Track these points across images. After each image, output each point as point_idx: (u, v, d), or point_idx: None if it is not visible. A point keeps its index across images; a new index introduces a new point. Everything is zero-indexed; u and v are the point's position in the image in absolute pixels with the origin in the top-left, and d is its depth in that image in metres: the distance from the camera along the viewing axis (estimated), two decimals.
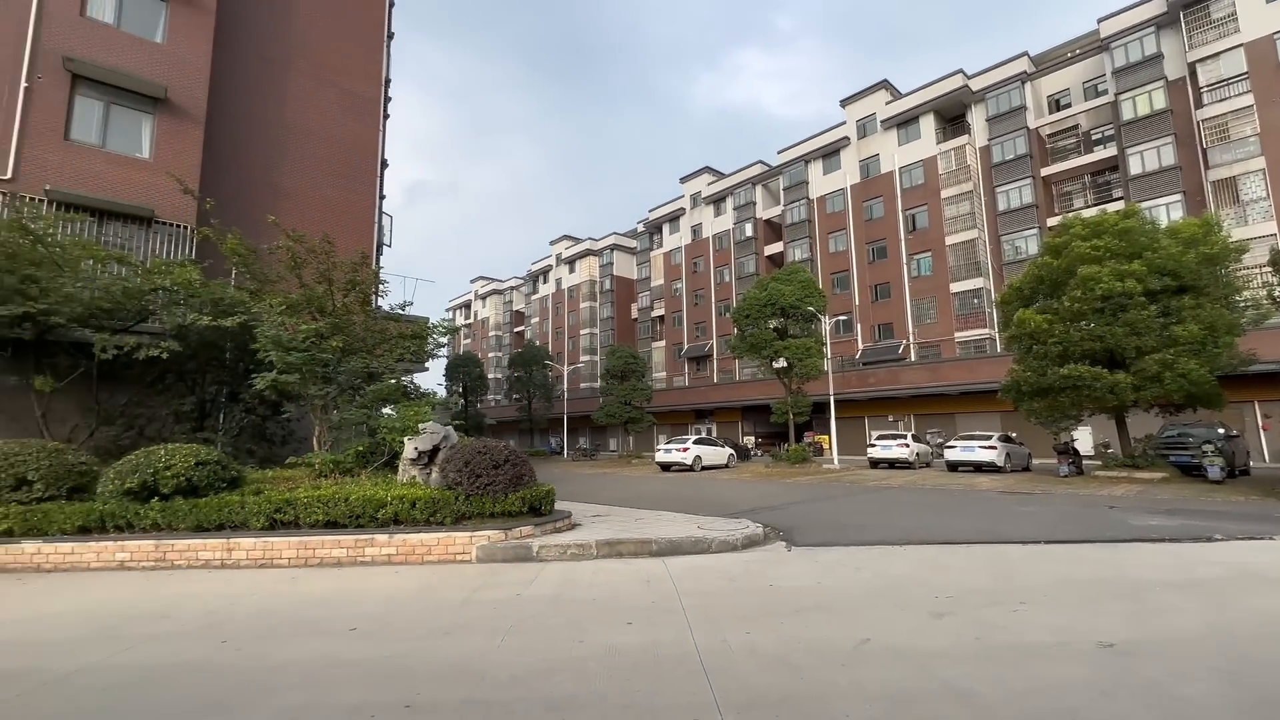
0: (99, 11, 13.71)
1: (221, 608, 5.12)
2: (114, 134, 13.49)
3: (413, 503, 7.26)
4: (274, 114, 17.02)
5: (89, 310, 9.85)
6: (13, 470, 7.55)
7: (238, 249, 10.83)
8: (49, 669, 3.76)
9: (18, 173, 12.11)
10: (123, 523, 7.30)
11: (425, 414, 9.61)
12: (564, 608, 4.92)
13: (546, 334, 70.18)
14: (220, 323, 10.11)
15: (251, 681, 3.52)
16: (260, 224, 13.40)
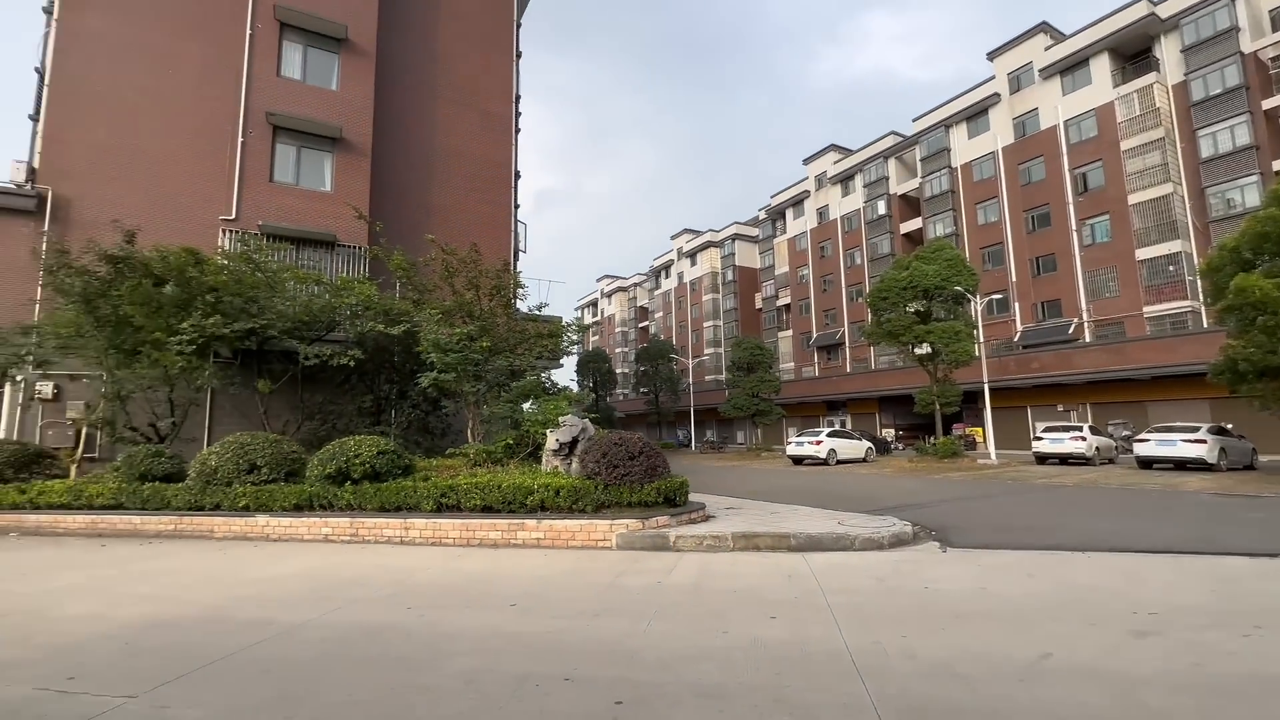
0: (289, 70, 16.20)
1: (404, 579, 5.85)
2: (304, 172, 15.89)
3: (557, 491, 7.73)
4: (424, 139, 18.96)
5: (294, 324, 11.74)
6: (246, 457, 9.23)
7: (402, 264, 12.25)
8: (283, 621, 4.55)
9: (239, 213, 14.74)
10: (325, 502, 8.61)
11: (563, 408, 10.19)
12: (705, 598, 4.97)
13: (670, 328, 71.02)
14: (390, 330, 11.54)
15: (432, 644, 3.98)
16: (416, 239, 15.04)
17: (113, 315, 10.51)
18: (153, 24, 15.32)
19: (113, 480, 9.76)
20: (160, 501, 9.29)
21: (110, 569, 6.65)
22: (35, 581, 6.13)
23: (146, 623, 4.61)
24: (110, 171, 14.34)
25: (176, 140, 15.02)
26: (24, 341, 11.63)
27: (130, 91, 14.84)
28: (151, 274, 10.68)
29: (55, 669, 3.67)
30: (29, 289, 13.11)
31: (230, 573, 6.38)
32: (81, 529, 9.26)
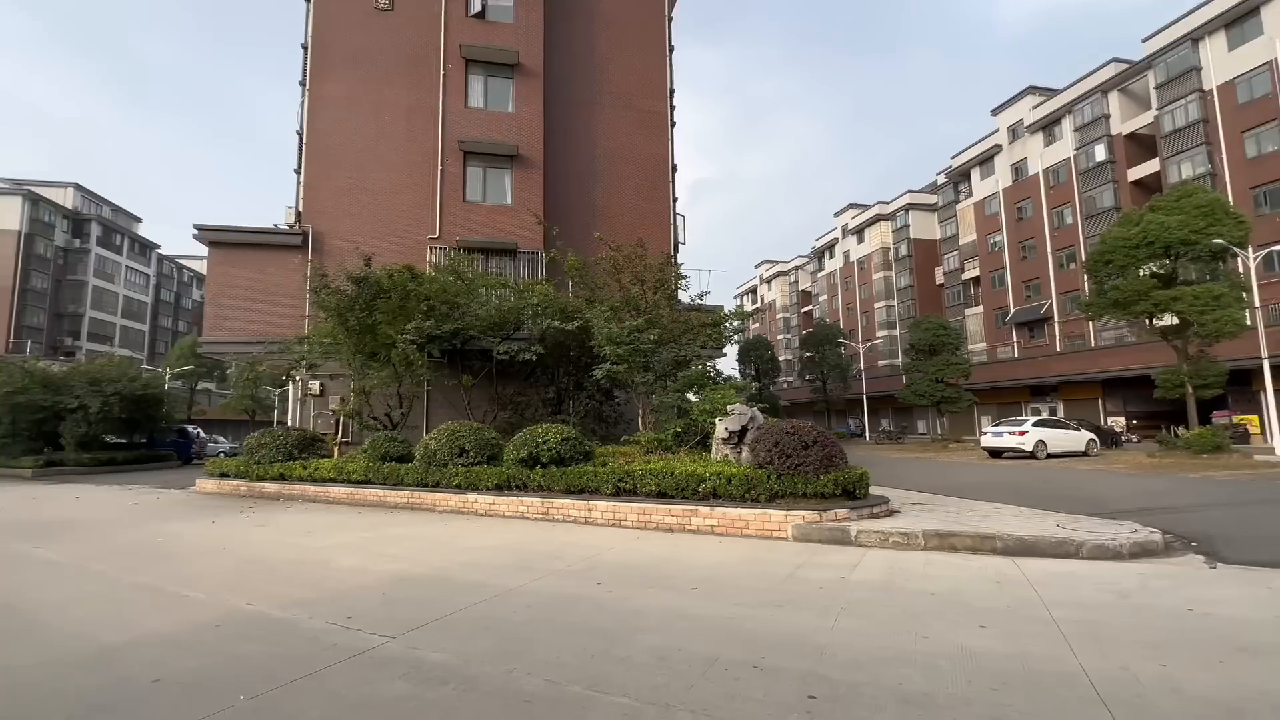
0: (474, 100, 18.28)
1: (592, 556, 6.32)
2: (489, 189, 17.85)
3: (728, 479, 7.75)
4: (587, 145, 20.13)
5: (488, 325, 13.29)
6: (456, 442, 10.67)
7: (575, 265, 13.20)
8: (495, 585, 5.19)
9: (441, 231, 17.05)
10: (520, 483, 9.63)
11: (731, 397, 10.16)
12: (897, 598, 4.62)
13: (836, 311, 67.08)
14: (565, 326, 12.51)
15: (622, 619, 4.24)
16: (585, 239, 16.06)
17: (358, 325, 12.86)
18: (372, 82, 18.30)
19: (363, 460, 11.94)
20: (396, 478, 11.15)
21: (366, 532, 8.16)
22: (318, 539, 7.74)
23: (395, 579, 5.56)
24: (349, 208, 17.49)
25: (393, 175, 17.81)
26: (299, 349, 14.72)
27: (359, 140, 17.92)
28: (382, 289, 12.85)
29: (339, 609, 4.60)
30: (300, 308, 16.55)
31: (451, 541, 7.43)
32: (344, 499, 11.49)
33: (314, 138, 17.80)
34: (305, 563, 6.34)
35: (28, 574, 6.15)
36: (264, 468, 13.15)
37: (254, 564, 6.33)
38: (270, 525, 8.89)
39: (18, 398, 22.54)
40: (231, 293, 16.87)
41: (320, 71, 18.12)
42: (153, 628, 4.31)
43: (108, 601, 5.07)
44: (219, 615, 4.55)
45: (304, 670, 3.45)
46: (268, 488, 12.71)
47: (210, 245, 17.06)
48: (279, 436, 13.65)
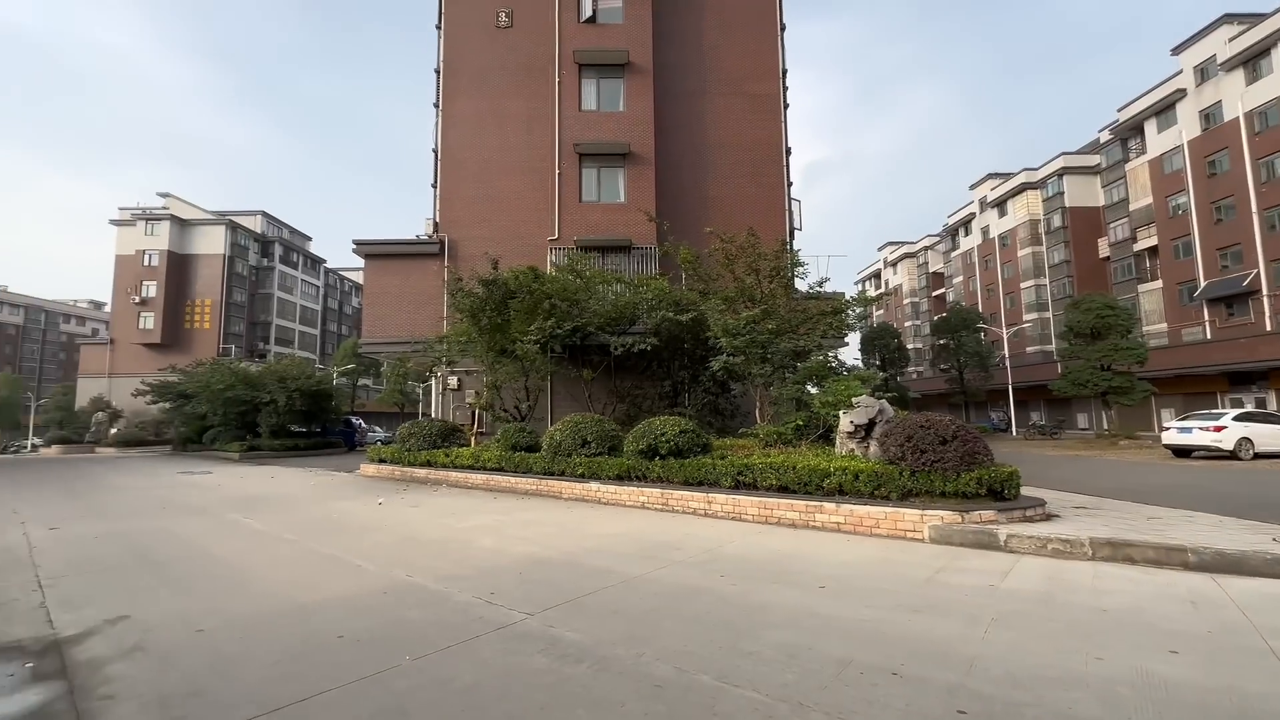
0: (587, 103, 18.89)
1: (713, 548, 6.32)
2: (603, 189, 18.39)
3: (855, 475, 7.37)
4: (697, 135, 20.00)
5: (605, 320, 13.72)
6: (579, 434, 11.16)
7: (688, 258, 13.21)
8: (621, 572, 5.37)
9: (560, 232, 17.87)
10: (639, 474, 9.87)
11: (855, 389, 9.63)
12: (1060, 612, 4.12)
13: (974, 293, 61.01)
14: (679, 318, 12.57)
15: (748, 613, 4.19)
16: (697, 231, 16.00)
17: (489, 324, 13.90)
18: (495, 97, 19.57)
19: (496, 449, 12.89)
20: (525, 467, 11.91)
21: (501, 516, 8.81)
22: (460, 520, 8.49)
23: (529, 561, 5.95)
24: (479, 216, 18.89)
25: (516, 182, 18.94)
26: (439, 348, 16.19)
27: (485, 151, 19.27)
28: (509, 290, 13.75)
29: (482, 585, 5.02)
30: (440, 310, 18.17)
31: (577, 528, 7.80)
32: (480, 485, 12.50)
33: (447, 153, 19.43)
34: (451, 541, 6.98)
35: (241, 540, 7.38)
36: (413, 455, 14.67)
37: (410, 541, 7.09)
38: (421, 507, 9.90)
39: (228, 394, 27.14)
40: (383, 299, 18.96)
41: (451, 92, 19.71)
42: (335, 591, 4.99)
43: (299, 566, 5.95)
44: (386, 584, 5.15)
45: (456, 638, 3.81)
46: (417, 472, 14.16)
47: (366, 257, 19.29)
48: (425, 427, 15.14)
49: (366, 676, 3.26)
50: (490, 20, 19.85)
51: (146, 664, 3.52)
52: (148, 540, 7.39)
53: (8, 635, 4.09)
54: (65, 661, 3.60)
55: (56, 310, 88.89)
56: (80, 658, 3.64)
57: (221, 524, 8.53)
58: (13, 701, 3.10)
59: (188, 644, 3.84)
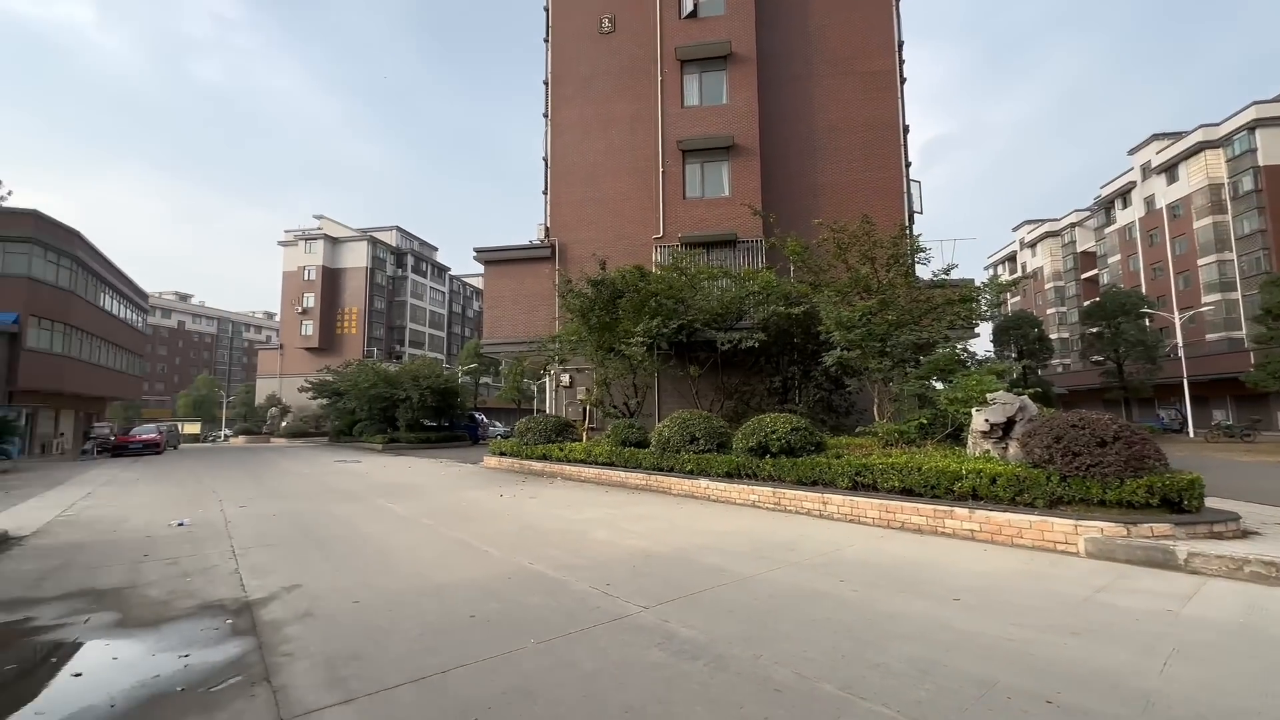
0: (690, 99, 18.83)
1: (830, 551, 6.05)
2: (707, 184, 18.24)
3: (992, 479, 6.70)
4: (805, 121, 19.21)
5: (711, 316, 13.62)
6: (687, 430, 11.17)
7: (796, 249, 12.73)
8: (734, 571, 5.30)
9: (664, 230, 17.99)
10: (749, 472, 9.68)
11: (989, 384, 8.77)
12: (1264, 648, 3.47)
13: (1135, 274, 53.20)
14: (790, 311, 12.15)
15: (872, 622, 3.95)
16: (806, 221, 15.39)
17: (597, 323, 14.33)
18: (599, 101, 20.10)
19: (606, 445, 13.26)
20: (635, 462, 12.14)
21: (612, 510, 9.04)
22: (575, 512, 8.83)
23: (641, 555, 6.05)
24: (586, 218, 19.53)
25: (621, 183, 19.34)
26: (552, 347, 16.96)
27: (592, 155, 19.86)
28: (617, 290, 14.08)
29: (598, 576, 5.18)
30: (552, 310, 19.02)
31: (687, 524, 7.82)
32: (592, 479, 12.92)
33: (556, 159, 20.29)
34: (567, 532, 7.28)
35: (386, 523, 8.21)
36: (530, 448, 15.50)
37: (530, 530, 7.49)
38: (538, 498, 10.43)
39: (371, 391, 30.41)
40: (501, 301, 20.22)
41: (558, 101, 20.54)
42: (466, 574, 5.39)
43: (436, 549, 6.49)
44: (510, 570, 5.48)
45: (576, 626, 3.96)
46: (534, 465, 14.94)
47: (485, 264, 20.66)
48: (540, 423, 15.93)
49: (496, 655, 3.48)
50: (593, 28, 20.41)
51: (315, 628, 4.02)
52: (312, 520, 8.46)
53: (214, 595, 4.86)
54: (254, 620, 4.20)
55: (240, 321, 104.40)
56: (265, 618, 4.24)
57: (370, 508, 9.55)
58: (218, 650, 3.68)
59: (347, 613, 4.33)
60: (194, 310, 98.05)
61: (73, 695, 3.16)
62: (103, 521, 8.54)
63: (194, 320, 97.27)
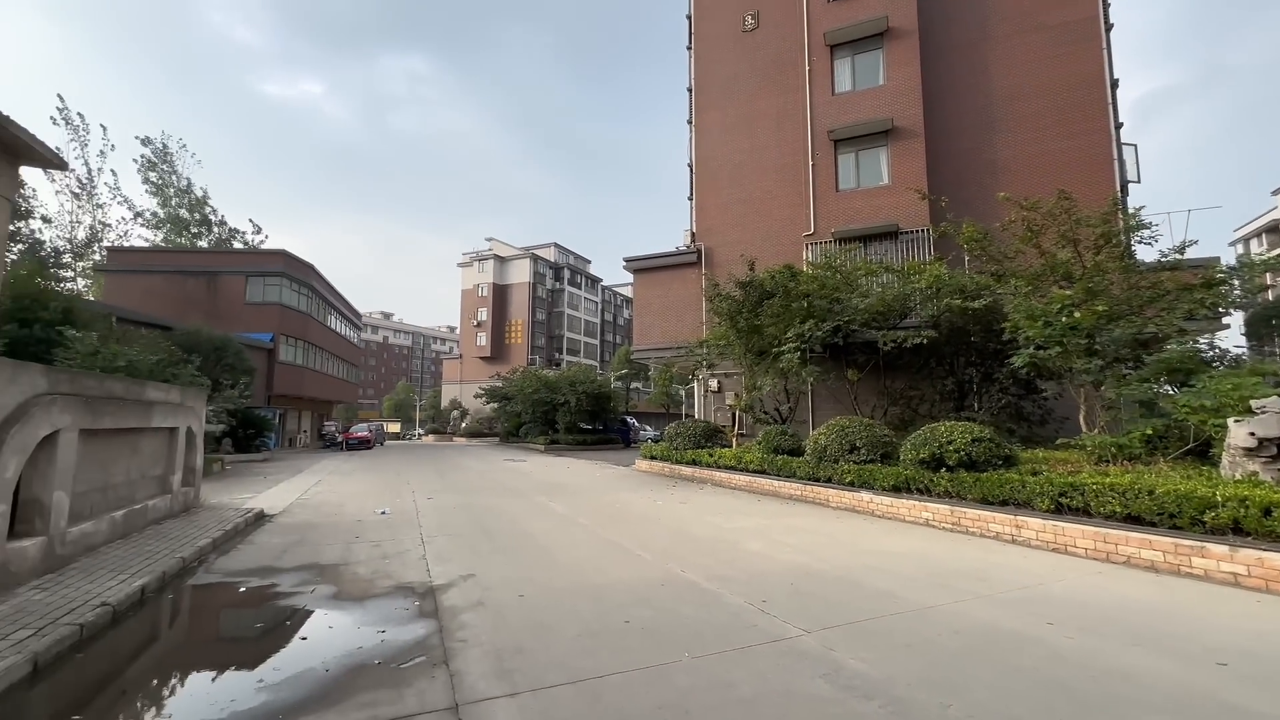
0: (841, 85, 17.69)
1: (1030, 585, 5.13)
2: (863, 173, 16.94)
3: (1265, 509, 5.23)
4: (979, 90, 17.03)
5: (871, 315, 12.56)
6: (846, 438, 10.38)
7: (973, 235, 11.24)
8: (908, 599, 4.71)
9: (815, 227, 17.06)
10: (920, 486, 8.69)
11: (1254, 387, 6.91)
12: None
13: None
14: (969, 305, 10.73)
15: (1097, 679, 3.22)
16: (982, 205, 13.57)
17: (746, 326, 13.96)
18: (743, 101, 19.72)
19: (757, 451, 12.84)
20: (788, 471, 11.58)
21: (765, 520, 8.66)
22: (726, 520, 8.61)
23: (800, 571, 5.66)
24: (732, 220, 19.24)
25: (768, 182, 18.76)
26: (699, 352, 16.90)
27: (736, 156, 19.54)
28: (765, 292, 13.61)
29: (753, 591, 4.93)
30: (699, 315, 19.01)
31: (849, 541, 7.20)
32: (742, 486, 12.57)
33: (700, 164, 20.28)
34: (720, 541, 7.09)
35: (547, 521, 8.70)
36: (680, 453, 15.57)
37: (682, 535, 7.43)
38: (689, 504, 10.37)
39: (534, 396, 32.98)
40: (649, 308, 20.67)
41: (702, 105, 20.54)
42: (620, 576, 5.46)
43: (591, 549, 6.70)
44: (662, 576, 5.44)
45: (731, 643, 3.76)
46: (683, 470, 14.98)
47: (634, 272, 21.31)
48: (689, 428, 15.95)
49: (651, 666, 3.41)
50: (736, 27, 20.09)
51: (486, 617, 4.30)
52: (484, 513, 9.26)
53: (405, 578, 5.46)
54: (436, 605, 4.62)
55: (429, 334, 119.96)
56: (445, 604, 4.64)
57: (532, 505, 10.22)
58: (407, 630, 4.09)
59: (513, 606, 4.58)
60: (394, 326, 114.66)
61: (299, 657, 3.69)
62: (327, 505, 10.18)
63: (394, 335, 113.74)
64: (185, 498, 8.38)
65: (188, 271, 30.24)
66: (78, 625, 3.92)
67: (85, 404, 5.55)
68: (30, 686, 3.29)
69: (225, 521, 7.72)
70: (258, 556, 6.32)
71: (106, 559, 5.59)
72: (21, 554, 4.72)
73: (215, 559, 6.21)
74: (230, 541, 7.03)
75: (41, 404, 4.89)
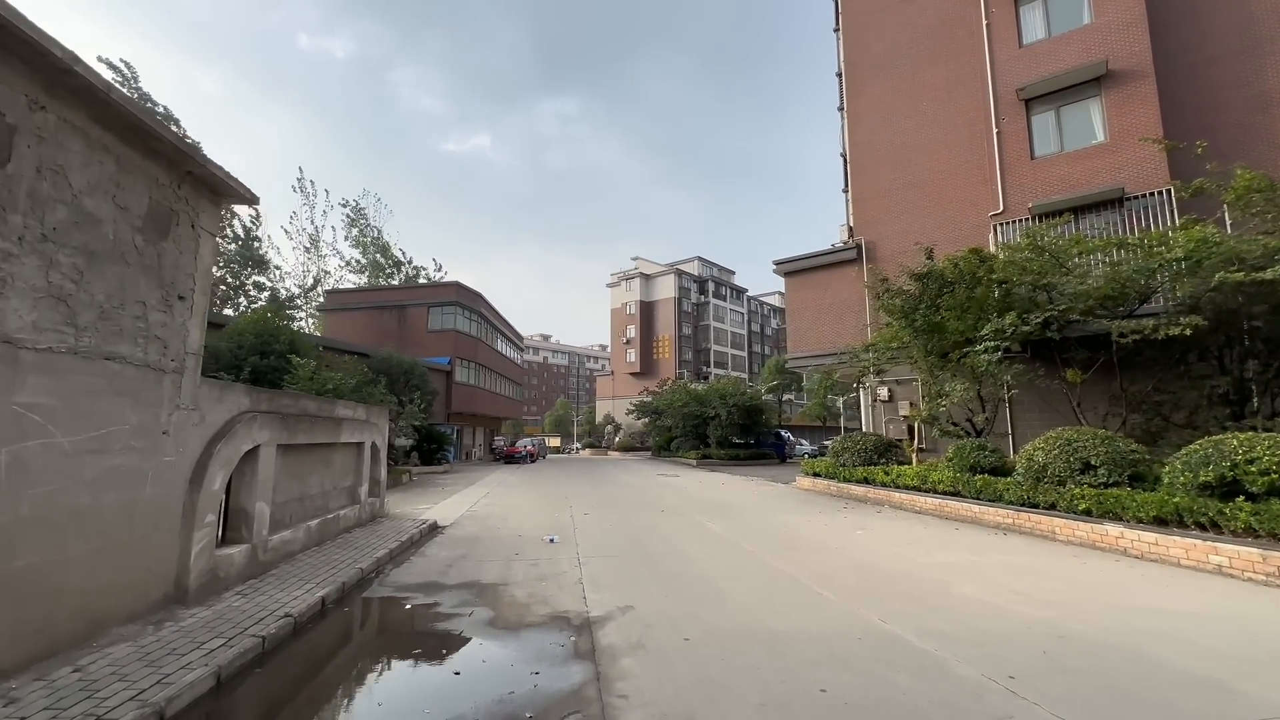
0: (1030, 34, 14.95)
1: None
2: (1068, 133, 14.04)
3: None
4: (1229, 9, 13.30)
5: (1095, 301, 10.10)
6: (1076, 455, 8.27)
7: (1251, 185, 8.47)
8: (1249, 694, 3.18)
9: (1005, 204, 14.48)
10: (1204, 520, 6.49)
11: None
12: None
13: None
14: (1257, 277, 8.02)
15: None
16: (1245, 150, 10.31)
17: (924, 324, 12.08)
18: (903, 76, 17.63)
19: (947, 470, 10.92)
20: (991, 494, 9.60)
21: (972, 555, 7.06)
22: (921, 553, 7.16)
23: (1048, 632, 4.25)
24: (896, 209, 17.18)
25: (938, 161, 16.46)
26: (866, 357, 15.12)
27: (898, 138, 17.48)
28: (947, 282, 11.66)
29: (986, 657, 3.71)
30: (861, 317, 17.17)
31: (1105, 590, 5.47)
32: (930, 510, 10.74)
33: (856, 152, 18.47)
34: (918, 580, 5.79)
35: (708, 544, 7.96)
36: (848, 470, 13.96)
37: (869, 571, 6.23)
38: (868, 530, 8.98)
39: (684, 409, 32.66)
40: (804, 313, 19.17)
41: (855, 87, 18.77)
42: (802, 621, 4.52)
43: (761, 582, 5.82)
44: (856, 626, 4.41)
45: None
46: (853, 490, 13.35)
47: (785, 275, 19.97)
48: (859, 442, 14.26)
49: None
50: None
51: (648, 666, 3.66)
52: (641, 533, 8.79)
53: (561, 605, 5.07)
54: (593, 643, 4.10)
55: (583, 353, 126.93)
56: (602, 642, 4.10)
57: (690, 525, 9.56)
58: (562, 674, 3.59)
59: (678, 651, 3.89)
60: (552, 347, 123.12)
61: (451, 697, 3.35)
62: (492, 518, 10.47)
63: (553, 355, 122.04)
64: (371, 508, 9.04)
65: (382, 306, 34.87)
66: (261, 638, 4.00)
67: (281, 420, 6.02)
68: (215, 698, 3.31)
69: (402, 532, 8.12)
70: (426, 570, 6.42)
71: (300, 566, 5.97)
72: (229, 561, 5.10)
73: (390, 570, 6.41)
74: (405, 553, 7.30)
75: (244, 420, 5.30)
